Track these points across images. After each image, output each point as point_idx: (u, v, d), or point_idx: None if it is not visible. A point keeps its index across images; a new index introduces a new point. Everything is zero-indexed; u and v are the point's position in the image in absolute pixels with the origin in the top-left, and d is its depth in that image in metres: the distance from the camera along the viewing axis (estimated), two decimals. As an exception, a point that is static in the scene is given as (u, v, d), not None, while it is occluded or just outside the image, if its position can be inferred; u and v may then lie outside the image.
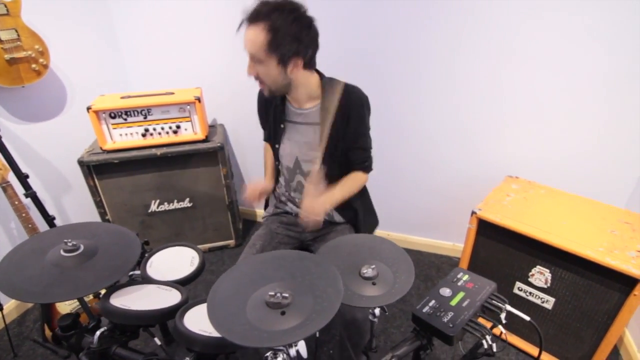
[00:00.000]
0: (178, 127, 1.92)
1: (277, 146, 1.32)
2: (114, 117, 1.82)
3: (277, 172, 1.41)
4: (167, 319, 0.90)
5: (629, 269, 1.19)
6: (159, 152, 1.88)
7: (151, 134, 1.90)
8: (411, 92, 1.87)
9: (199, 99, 1.86)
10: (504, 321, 0.96)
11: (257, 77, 1.14)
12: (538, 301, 1.48)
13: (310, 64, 1.14)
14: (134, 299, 0.94)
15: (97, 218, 1.98)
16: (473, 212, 1.53)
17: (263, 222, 1.46)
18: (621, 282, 1.24)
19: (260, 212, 2.57)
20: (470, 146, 1.90)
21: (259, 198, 1.34)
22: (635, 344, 1.52)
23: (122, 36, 2.15)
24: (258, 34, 1.03)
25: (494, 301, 1.00)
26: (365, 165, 1.30)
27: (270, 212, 1.46)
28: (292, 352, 0.64)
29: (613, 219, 1.45)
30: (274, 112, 1.29)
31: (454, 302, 0.97)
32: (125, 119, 1.84)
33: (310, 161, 1.28)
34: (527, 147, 1.79)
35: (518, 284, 1.51)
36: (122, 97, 1.87)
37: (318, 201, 1.14)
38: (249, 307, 0.63)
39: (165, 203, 2.06)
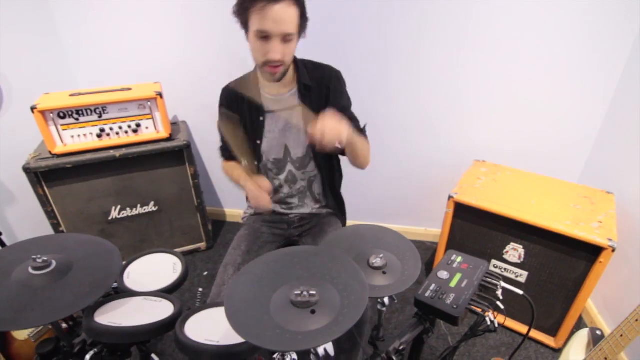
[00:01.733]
0: (138, 125, 1.77)
1: (258, 142, 1.24)
2: (63, 117, 1.63)
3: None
4: (164, 332, 0.82)
5: (595, 239, 1.30)
6: (117, 153, 1.72)
7: (108, 135, 1.74)
8: (377, 83, 1.88)
9: (160, 95, 1.73)
10: (501, 297, 1.00)
11: (279, 61, 1.02)
12: (512, 276, 1.58)
13: None
14: (123, 315, 0.85)
15: (48, 230, 1.78)
16: (450, 197, 1.58)
17: (244, 222, 1.40)
18: (588, 252, 1.35)
19: (230, 211, 2.47)
20: (436, 134, 1.96)
21: (269, 200, 1.16)
22: (595, 308, 1.68)
23: (65, 29, 1.92)
24: (291, 9, 0.96)
25: (488, 279, 1.04)
26: (361, 131, 1.20)
27: (251, 212, 1.40)
28: (321, 351, 0.61)
29: (573, 194, 1.58)
30: (248, 106, 1.21)
31: (453, 284, 0.99)
32: (77, 119, 1.66)
33: (299, 147, 1.23)
34: (489, 132, 1.89)
35: (494, 262, 1.60)
36: (71, 95, 1.68)
37: (338, 120, 0.91)
38: (273, 310, 0.59)
39: (128, 209, 1.90)
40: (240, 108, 1.22)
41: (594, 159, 1.77)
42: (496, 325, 0.94)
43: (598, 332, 1.13)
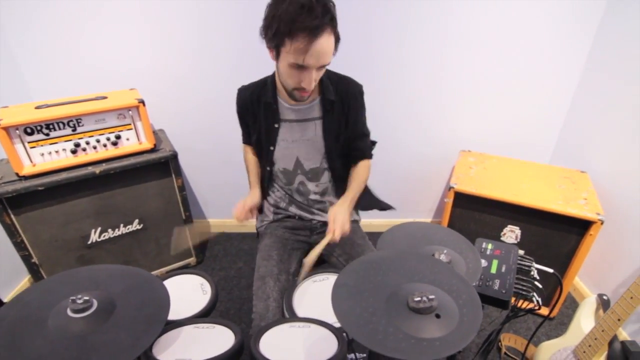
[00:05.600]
0: (118, 137, 1.60)
1: (271, 148, 1.19)
2: (31, 133, 1.42)
3: (265, 178, 1.29)
4: (237, 359, 0.76)
5: (586, 214, 1.44)
6: (97, 170, 1.55)
7: (84, 149, 1.55)
8: (362, 80, 1.90)
9: (142, 102, 1.58)
10: (537, 277, 1.08)
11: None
12: (509, 256, 1.69)
13: None
14: (184, 349, 0.78)
15: (18, 263, 1.54)
16: (450, 187, 1.65)
17: (263, 231, 1.33)
18: (579, 226, 1.49)
19: (214, 222, 2.34)
20: (421, 128, 2.03)
21: (247, 216, 1.18)
22: (577, 276, 1.86)
23: (11, 33, 1.67)
24: (331, 38, 0.91)
25: (522, 262, 1.11)
26: (370, 152, 1.29)
27: (269, 219, 1.34)
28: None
29: (555, 175, 1.74)
30: (264, 112, 1.16)
31: (493, 270, 1.04)
32: (48, 134, 1.46)
33: (313, 159, 1.21)
34: (469, 124, 2.01)
35: (492, 245, 1.70)
36: (37, 107, 1.47)
37: (340, 215, 1.07)
38: (396, 319, 0.57)
39: (109, 230, 1.71)
40: (255, 112, 1.17)
41: (562, 142, 1.96)
42: (540, 304, 1.01)
43: (605, 297, 1.26)
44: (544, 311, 1.73)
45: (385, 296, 0.62)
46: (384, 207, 1.41)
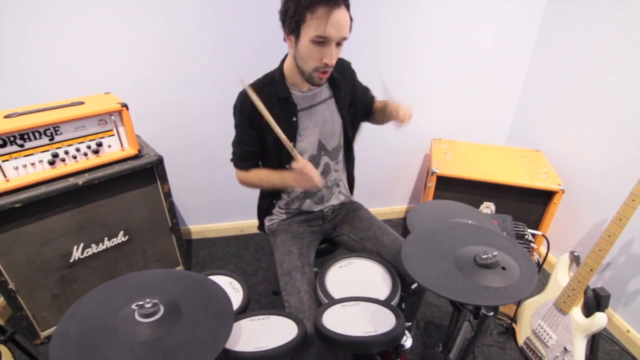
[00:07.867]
0: (99, 144, 1.50)
1: (292, 144, 1.19)
2: (3, 145, 1.28)
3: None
4: (304, 346, 0.79)
5: (549, 186, 1.67)
6: (80, 180, 1.44)
7: (62, 160, 1.43)
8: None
9: (126, 106, 1.50)
10: (532, 239, 1.24)
11: (332, 65, 1.04)
12: (486, 230, 1.89)
13: None
14: (253, 340, 0.79)
15: (-10, 293, 1.38)
16: (433, 172, 1.80)
17: (276, 228, 1.34)
18: (544, 197, 1.72)
19: (195, 228, 2.27)
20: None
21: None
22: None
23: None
24: (346, 13, 0.98)
25: (517, 228, 1.27)
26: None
27: (282, 218, 1.35)
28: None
29: (516, 155, 1.97)
30: (280, 109, 1.15)
31: (497, 238, 1.18)
32: (22, 145, 1.32)
33: (332, 138, 1.24)
34: (435, 114, 2.19)
35: (470, 221, 1.89)
36: (6, 117, 1.32)
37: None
38: (473, 277, 0.66)
39: (93, 245, 1.59)
40: (270, 110, 1.15)
41: (516, 125, 2.23)
42: (541, 264, 1.17)
43: (575, 254, 1.47)
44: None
45: (452, 259, 0.70)
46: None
